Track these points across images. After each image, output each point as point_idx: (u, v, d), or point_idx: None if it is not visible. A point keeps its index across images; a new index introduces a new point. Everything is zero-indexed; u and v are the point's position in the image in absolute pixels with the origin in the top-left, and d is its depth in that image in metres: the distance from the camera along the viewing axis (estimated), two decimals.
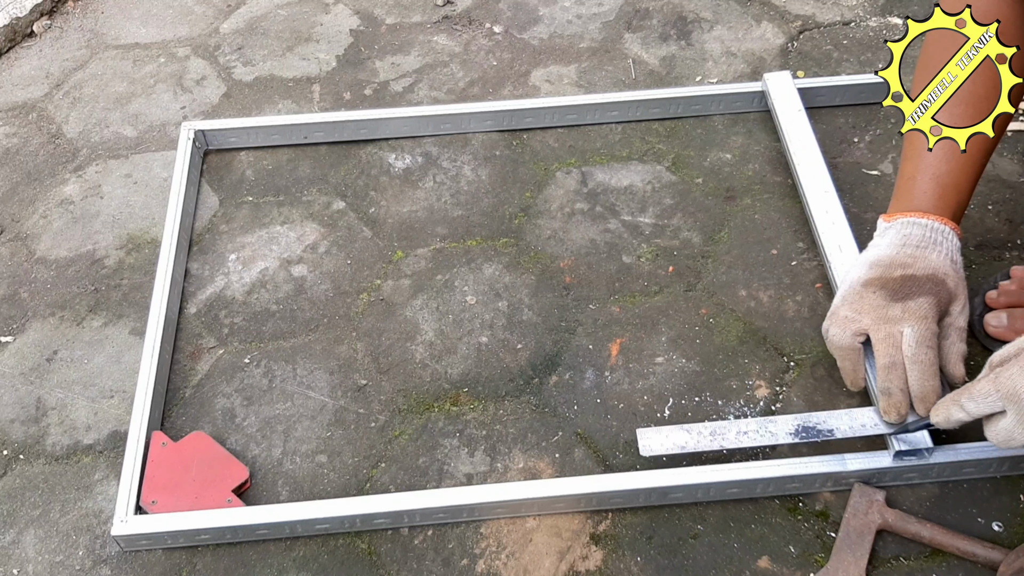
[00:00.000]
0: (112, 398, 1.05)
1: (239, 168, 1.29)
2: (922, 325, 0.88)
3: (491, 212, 1.21)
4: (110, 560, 0.92)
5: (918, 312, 0.89)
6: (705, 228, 1.17)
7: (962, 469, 0.91)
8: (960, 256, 0.94)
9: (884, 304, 0.91)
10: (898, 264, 0.92)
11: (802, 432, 0.91)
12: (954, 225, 0.94)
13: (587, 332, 1.08)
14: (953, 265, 0.92)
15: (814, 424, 0.91)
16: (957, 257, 0.93)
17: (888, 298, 0.91)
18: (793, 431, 0.91)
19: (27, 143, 1.36)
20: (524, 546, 0.91)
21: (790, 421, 0.92)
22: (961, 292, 0.92)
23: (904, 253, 0.93)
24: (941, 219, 0.93)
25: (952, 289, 0.91)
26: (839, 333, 0.92)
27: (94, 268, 1.18)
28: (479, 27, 1.50)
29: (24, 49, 1.52)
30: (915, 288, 0.90)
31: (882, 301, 0.91)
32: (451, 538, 0.92)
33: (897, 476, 0.91)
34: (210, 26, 1.53)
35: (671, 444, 0.91)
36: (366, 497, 0.93)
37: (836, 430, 0.91)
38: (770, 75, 1.27)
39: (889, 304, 0.90)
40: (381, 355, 1.07)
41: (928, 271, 0.91)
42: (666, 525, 0.92)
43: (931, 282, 0.90)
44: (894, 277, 0.91)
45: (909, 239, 0.93)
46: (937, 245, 0.93)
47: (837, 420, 0.91)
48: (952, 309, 0.92)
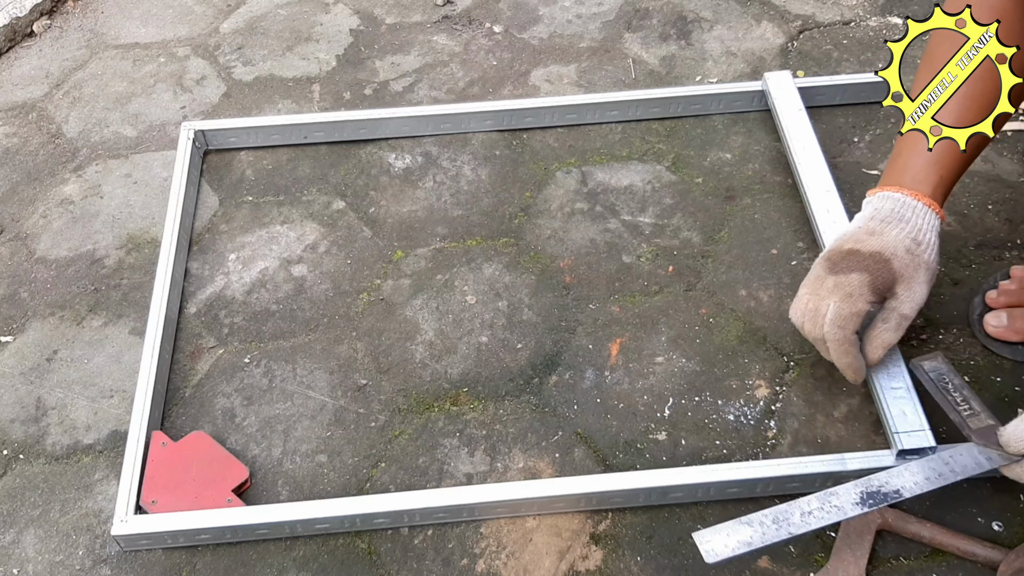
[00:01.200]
0: (112, 398, 1.05)
1: (239, 168, 1.29)
2: (844, 303, 0.87)
3: (491, 212, 1.21)
4: (110, 560, 0.92)
5: (845, 288, 0.88)
6: (705, 228, 1.17)
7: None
8: (932, 237, 0.90)
9: (822, 277, 0.90)
10: (852, 239, 0.91)
11: (869, 500, 0.84)
12: (930, 202, 0.91)
13: (587, 332, 1.08)
14: (912, 245, 0.89)
15: (878, 488, 0.85)
16: (924, 237, 0.90)
17: (827, 271, 0.90)
18: (859, 500, 0.84)
19: (27, 143, 1.36)
20: (524, 546, 0.91)
21: (852, 491, 0.85)
22: (911, 274, 0.88)
23: (866, 228, 0.91)
24: (916, 195, 0.91)
25: (896, 270, 0.88)
26: (794, 315, 0.93)
27: (94, 268, 1.18)
28: (479, 27, 1.50)
29: (24, 49, 1.52)
30: (853, 264, 0.89)
31: (821, 274, 0.91)
32: (451, 538, 0.92)
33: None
34: (210, 26, 1.53)
35: (735, 543, 0.81)
36: (366, 497, 0.93)
37: (903, 489, 0.85)
38: (770, 74, 1.27)
39: (825, 277, 0.90)
40: (381, 355, 1.07)
41: (875, 248, 0.89)
42: (666, 525, 0.92)
43: (872, 259, 0.88)
44: (842, 251, 0.91)
45: (877, 213, 0.92)
46: (903, 221, 0.90)
47: (899, 479, 0.86)
48: (898, 291, 0.89)
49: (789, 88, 1.25)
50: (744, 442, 0.97)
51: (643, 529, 0.91)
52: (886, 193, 0.93)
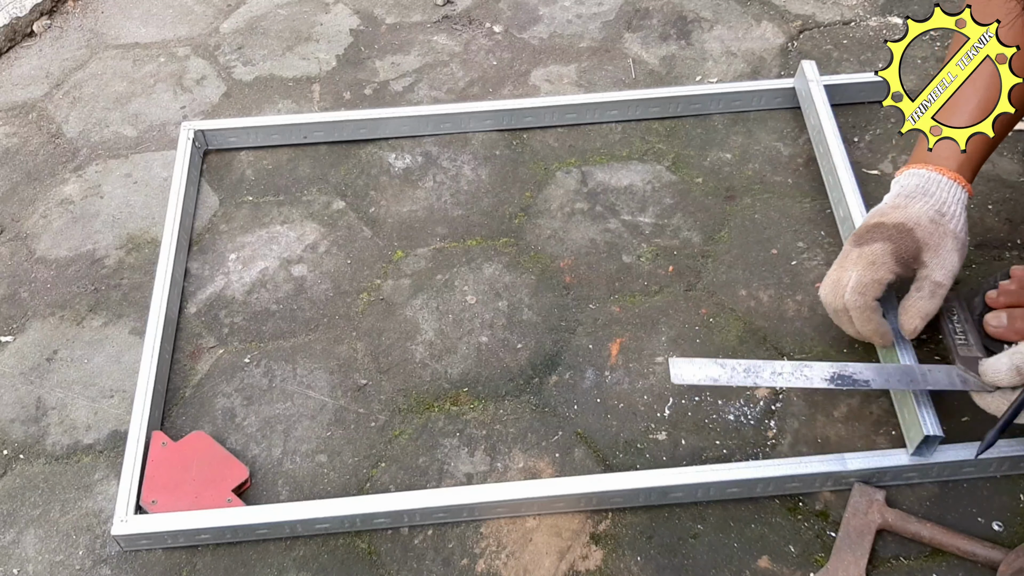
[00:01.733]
0: (112, 398, 1.05)
1: (239, 168, 1.29)
2: (867, 271, 0.88)
3: (491, 212, 1.21)
4: (110, 560, 0.92)
5: (868, 257, 0.89)
6: (705, 228, 1.17)
7: (962, 469, 0.91)
8: (957, 209, 0.91)
9: (848, 251, 0.92)
10: (878, 213, 0.93)
11: (837, 379, 0.87)
12: (955, 175, 0.91)
13: (587, 332, 1.08)
14: (936, 215, 0.90)
15: (850, 373, 0.88)
16: (950, 209, 0.90)
17: (852, 244, 0.92)
18: (828, 377, 0.88)
19: (27, 143, 1.36)
20: (524, 546, 0.91)
21: (826, 368, 0.88)
22: (936, 242, 0.89)
23: (891, 203, 0.93)
24: (941, 170, 0.92)
25: (920, 238, 0.89)
26: (824, 293, 0.94)
27: (94, 268, 1.18)
28: (479, 27, 1.49)
29: (24, 49, 1.52)
30: (876, 235, 0.90)
31: (848, 248, 0.92)
32: (451, 538, 0.92)
33: (897, 475, 0.91)
34: (210, 26, 1.53)
35: (704, 375, 0.86)
36: (366, 497, 0.93)
37: (872, 381, 0.88)
38: (807, 63, 1.27)
39: (850, 250, 0.91)
40: (381, 355, 1.07)
41: (898, 220, 0.90)
42: (666, 525, 0.92)
43: (896, 229, 0.89)
44: (868, 225, 0.92)
45: (903, 189, 0.93)
46: (927, 195, 0.91)
47: (873, 372, 0.89)
48: (926, 260, 0.89)
49: (818, 83, 1.25)
50: (744, 442, 0.97)
51: (643, 529, 0.91)
52: (912, 171, 0.94)
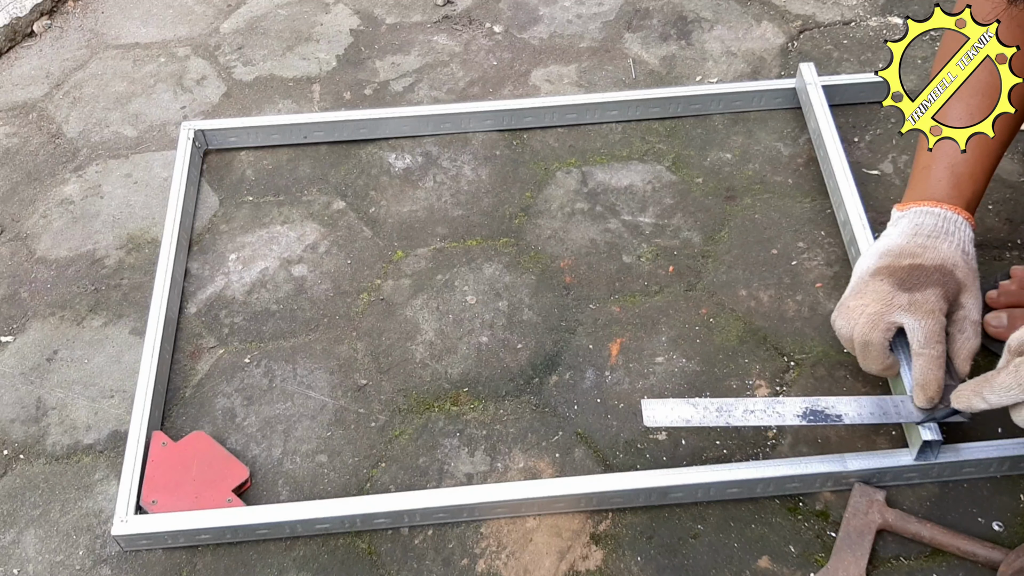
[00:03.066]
0: (112, 398, 1.05)
1: (239, 168, 1.29)
2: (929, 320, 0.87)
3: (491, 212, 1.21)
4: (110, 560, 0.92)
5: (925, 306, 0.88)
6: (705, 228, 1.17)
7: (962, 469, 0.91)
8: (972, 248, 0.93)
9: (891, 292, 0.89)
10: (907, 254, 0.91)
11: (810, 415, 0.88)
12: (968, 215, 0.93)
13: (587, 332, 1.08)
14: (964, 256, 0.91)
15: (822, 408, 0.88)
16: (969, 248, 0.92)
17: (895, 287, 0.90)
18: (801, 413, 0.88)
19: (27, 143, 1.36)
20: (524, 546, 0.91)
21: (798, 404, 0.89)
22: (972, 283, 0.90)
23: (914, 243, 0.92)
24: (955, 208, 0.92)
25: (961, 280, 0.90)
26: (845, 325, 0.91)
27: (94, 268, 1.18)
28: (479, 27, 1.49)
29: (24, 49, 1.52)
30: (922, 278, 0.89)
31: (889, 288, 0.90)
32: (451, 538, 0.92)
33: (897, 476, 0.91)
34: (210, 26, 1.53)
35: (676, 417, 0.87)
36: (366, 497, 0.93)
37: (844, 416, 0.88)
38: (805, 66, 1.27)
39: (896, 293, 0.89)
40: (381, 355, 1.07)
41: (937, 261, 0.90)
42: (666, 525, 0.92)
43: (939, 272, 0.89)
44: (902, 266, 0.90)
45: (921, 228, 0.92)
46: (949, 235, 0.91)
47: (846, 406, 0.89)
48: (964, 301, 0.90)
49: (816, 87, 1.25)
50: (744, 442, 0.97)
51: (643, 529, 0.91)
52: (925, 208, 0.93)
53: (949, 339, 0.90)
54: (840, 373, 1.01)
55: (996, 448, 0.90)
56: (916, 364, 0.88)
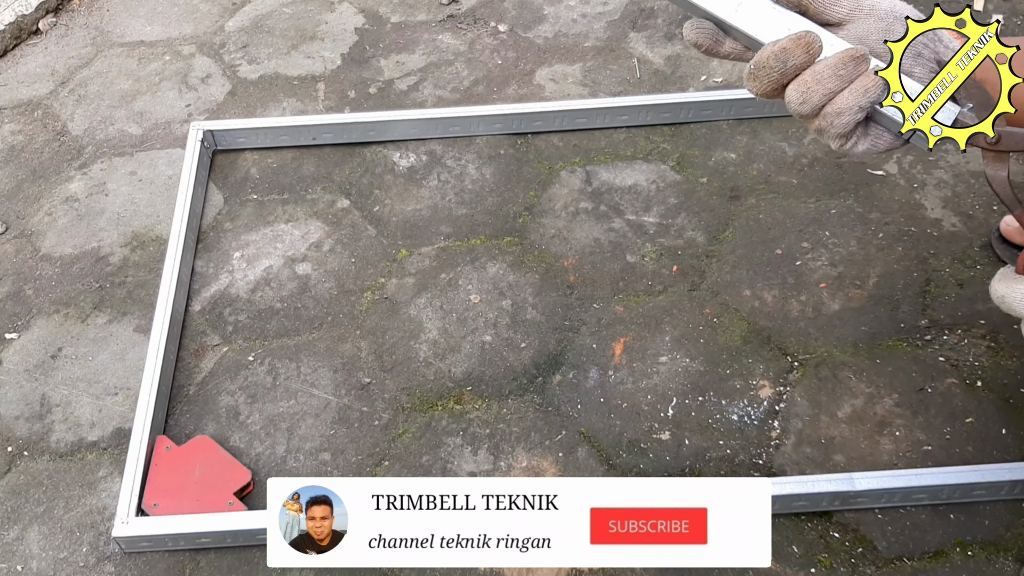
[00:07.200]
0: (116, 395, 1.05)
1: (244, 166, 1.29)
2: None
3: (495, 211, 1.21)
4: (113, 557, 0.92)
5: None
6: (709, 228, 1.17)
7: (972, 491, 0.90)
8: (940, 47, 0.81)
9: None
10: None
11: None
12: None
13: (591, 331, 1.08)
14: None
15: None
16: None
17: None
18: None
19: (32, 140, 1.36)
20: None
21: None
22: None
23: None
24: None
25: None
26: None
27: (99, 265, 1.18)
28: (484, 26, 1.50)
29: (30, 47, 1.52)
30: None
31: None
32: None
33: (906, 497, 0.90)
34: (215, 24, 1.53)
35: None
36: None
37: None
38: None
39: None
40: (385, 353, 1.07)
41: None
42: None
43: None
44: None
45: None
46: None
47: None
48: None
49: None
50: (748, 442, 0.97)
51: None
52: None
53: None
54: (844, 374, 1.01)
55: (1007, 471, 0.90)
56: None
